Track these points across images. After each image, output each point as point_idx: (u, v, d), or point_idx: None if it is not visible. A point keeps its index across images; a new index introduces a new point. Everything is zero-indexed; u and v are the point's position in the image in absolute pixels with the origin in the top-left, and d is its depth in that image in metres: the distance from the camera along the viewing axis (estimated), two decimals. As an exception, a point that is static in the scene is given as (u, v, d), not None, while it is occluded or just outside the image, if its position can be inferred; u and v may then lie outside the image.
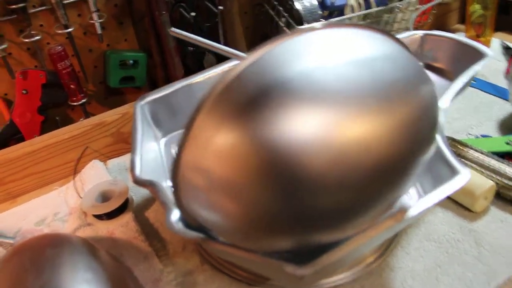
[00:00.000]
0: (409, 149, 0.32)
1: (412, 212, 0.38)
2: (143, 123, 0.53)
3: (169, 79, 0.80)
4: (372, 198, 0.33)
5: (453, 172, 0.43)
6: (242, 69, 0.31)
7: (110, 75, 0.75)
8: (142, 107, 0.55)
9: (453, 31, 1.01)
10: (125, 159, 0.72)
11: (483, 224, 0.55)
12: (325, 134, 0.29)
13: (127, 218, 0.59)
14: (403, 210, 0.37)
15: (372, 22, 0.83)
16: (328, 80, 0.30)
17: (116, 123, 0.72)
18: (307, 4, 0.78)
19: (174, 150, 0.58)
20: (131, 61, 0.75)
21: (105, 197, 0.61)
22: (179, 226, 0.40)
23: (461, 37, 0.62)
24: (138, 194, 0.64)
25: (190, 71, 0.83)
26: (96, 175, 0.66)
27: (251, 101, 0.30)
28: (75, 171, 0.69)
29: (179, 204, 0.37)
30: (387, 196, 0.33)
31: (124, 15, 0.76)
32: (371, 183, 0.31)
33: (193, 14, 0.72)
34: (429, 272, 0.50)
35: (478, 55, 0.57)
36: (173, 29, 0.54)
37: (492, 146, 0.62)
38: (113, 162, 0.71)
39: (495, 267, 0.49)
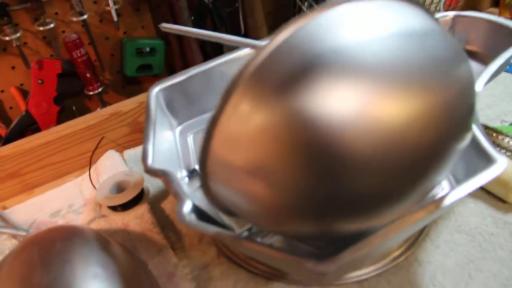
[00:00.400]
0: (449, 133, 0.29)
1: (446, 202, 0.34)
2: (157, 111, 0.51)
3: (187, 67, 0.78)
4: (410, 184, 0.30)
5: (488, 160, 0.40)
6: (281, 42, 0.28)
7: (126, 64, 0.74)
8: (156, 95, 0.53)
9: (484, 14, 0.95)
10: (141, 149, 0.70)
11: (519, 216, 0.51)
12: (371, 111, 0.26)
13: (142, 209, 0.57)
14: (436, 200, 0.34)
15: (398, 5, 0.79)
16: (375, 51, 0.27)
17: (132, 112, 0.70)
18: (329, -13, 0.75)
19: (190, 139, 0.56)
20: (147, 49, 0.73)
21: (120, 188, 0.59)
22: (191, 218, 0.38)
23: (495, 17, 0.58)
24: (154, 185, 0.62)
25: (209, 58, 0.80)
26: (112, 165, 0.65)
27: (292, 76, 0.27)
28: (91, 162, 0.67)
29: (205, 185, 0.35)
30: (424, 183, 0.30)
31: (141, 1, 0.74)
32: (412, 167, 0.28)
33: (210, -2, 0.69)
34: (461, 268, 0.46)
35: (514, 36, 0.53)
36: (164, 24, 0.50)
37: (528, 133, 0.58)
38: (129, 153, 0.69)
39: (534, 263, 0.46)
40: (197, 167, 0.53)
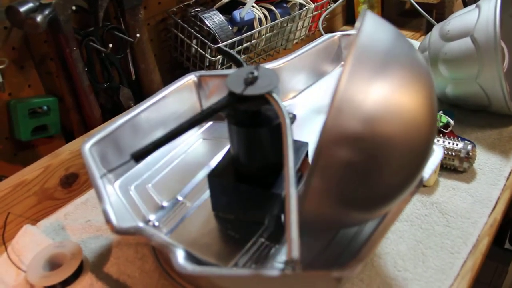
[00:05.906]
0: (435, 118, 0.35)
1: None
2: (97, 167, 0.48)
3: (85, 122, 0.73)
4: (420, 168, 0.34)
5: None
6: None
7: (19, 128, 0.66)
8: (90, 150, 0.49)
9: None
10: (57, 217, 0.63)
11: (439, 194, 0.59)
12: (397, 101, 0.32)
13: (88, 280, 0.52)
14: (420, 181, 0.39)
15: (278, 32, 0.86)
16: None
17: (38, 179, 0.63)
18: (216, 21, 0.78)
19: (133, 192, 0.53)
20: (45, 107, 0.66)
21: (54, 263, 0.53)
22: (191, 266, 0.37)
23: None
24: (87, 250, 0.57)
25: (105, 110, 0.77)
26: (33, 241, 0.57)
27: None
28: (4, 243, 0.58)
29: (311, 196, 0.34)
30: (423, 167, 0.35)
31: (24, 58, 0.67)
32: (424, 149, 0.33)
33: (110, 45, 0.66)
34: (414, 250, 0.52)
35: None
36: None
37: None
38: (44, 224, 0.62)
39: (465, 229, 0.54)
40: (152, 217, 0.50)
